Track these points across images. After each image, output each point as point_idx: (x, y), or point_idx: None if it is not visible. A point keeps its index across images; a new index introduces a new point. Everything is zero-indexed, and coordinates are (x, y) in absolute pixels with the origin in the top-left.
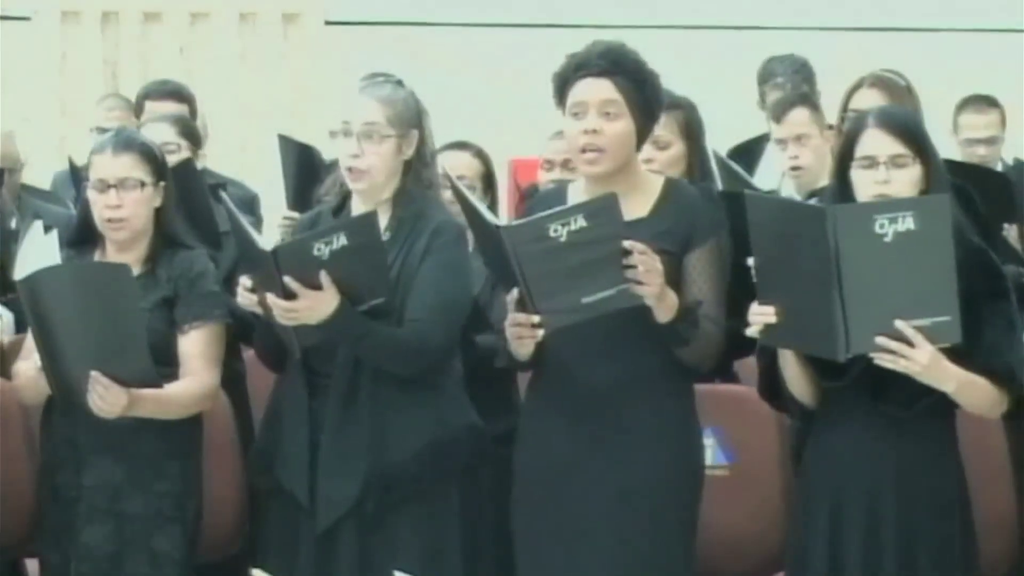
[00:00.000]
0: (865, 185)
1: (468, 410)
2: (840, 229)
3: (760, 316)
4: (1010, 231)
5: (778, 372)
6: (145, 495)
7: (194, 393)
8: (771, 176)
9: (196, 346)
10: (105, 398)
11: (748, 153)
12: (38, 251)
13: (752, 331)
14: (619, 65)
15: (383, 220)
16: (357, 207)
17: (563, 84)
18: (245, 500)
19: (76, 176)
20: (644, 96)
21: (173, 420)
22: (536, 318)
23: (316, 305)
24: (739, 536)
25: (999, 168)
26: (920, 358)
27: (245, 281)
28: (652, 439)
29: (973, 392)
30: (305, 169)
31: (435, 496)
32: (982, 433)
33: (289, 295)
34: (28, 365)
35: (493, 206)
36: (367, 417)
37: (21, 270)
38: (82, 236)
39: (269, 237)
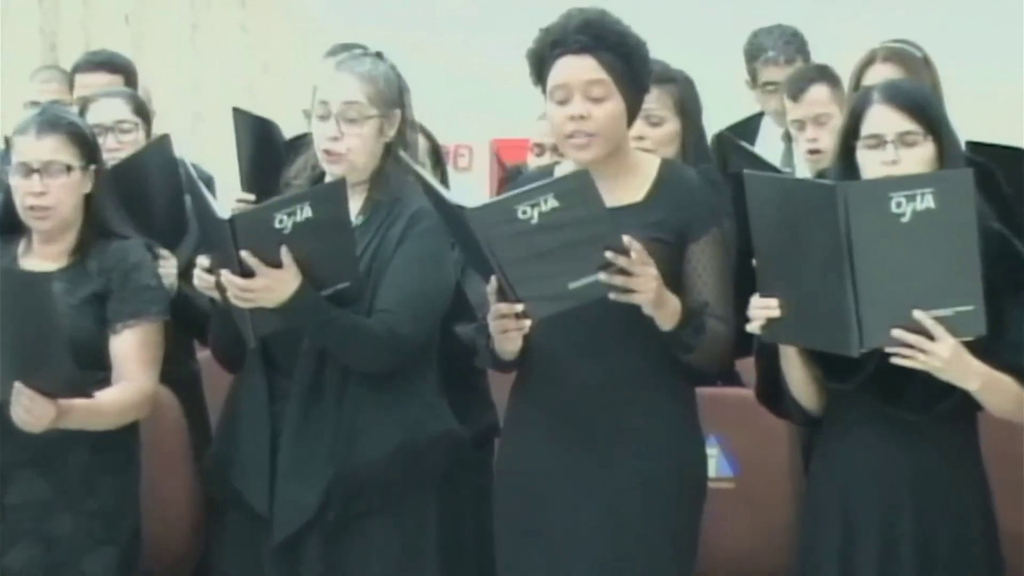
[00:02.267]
0: (872, 166)
1: (445, 414)
2: (852, 209)
3: (762, 310)
4: None
5: (779, 373)
6: (75, 514)
7: (129, 400)
8: (769, 158)
9: (130, 347)
10: (31, 411)
11: (742, 135)
12: None
13: (753, 327)
14: (601, 39)
15: (358, 203)
16: None
17: (540, 63)
18: (200, 514)
19: (6, 155)
20: (632, 70)
21: (106, 431)
22: (520, 307)
23: (275, 285)
24: (745, 554)
25: None
26: (941, 352)
27: (203, 261)
28: (646, 445)
29: (998, 391)
30: (262, 146)
31: (410, 506)
32: (1011, 439)
33: (246, 272)
34: None
35: (444, 182)
36: (332, 418)
37: None
38: (7, 224)
39: None
